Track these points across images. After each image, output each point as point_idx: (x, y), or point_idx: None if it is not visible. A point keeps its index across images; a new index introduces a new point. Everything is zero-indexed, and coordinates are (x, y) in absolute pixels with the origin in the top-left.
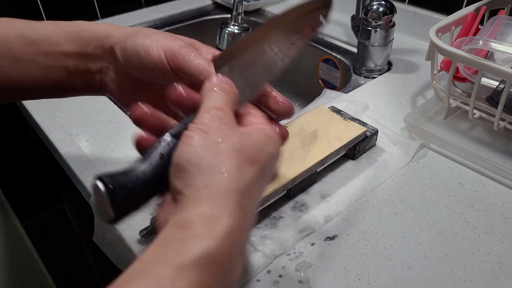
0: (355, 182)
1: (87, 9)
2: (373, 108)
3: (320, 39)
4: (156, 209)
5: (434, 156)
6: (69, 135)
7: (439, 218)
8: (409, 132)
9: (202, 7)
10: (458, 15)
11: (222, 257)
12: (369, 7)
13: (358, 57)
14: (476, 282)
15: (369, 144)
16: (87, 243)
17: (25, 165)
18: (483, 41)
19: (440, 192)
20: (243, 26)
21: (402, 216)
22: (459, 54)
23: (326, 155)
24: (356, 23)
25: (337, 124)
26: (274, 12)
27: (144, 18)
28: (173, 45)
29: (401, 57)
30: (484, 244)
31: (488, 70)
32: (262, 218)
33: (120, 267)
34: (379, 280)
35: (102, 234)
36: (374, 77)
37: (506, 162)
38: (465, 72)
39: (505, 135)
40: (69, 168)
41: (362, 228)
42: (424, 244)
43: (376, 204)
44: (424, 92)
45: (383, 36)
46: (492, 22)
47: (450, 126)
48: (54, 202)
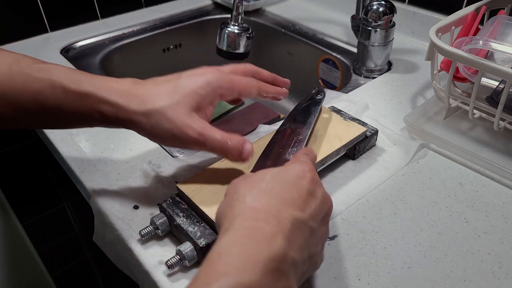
0: (355, 182)
1: (87, 9)
2: (373, 108)
3: (320, 39)
4: (156, 209)
5: (434, 156)
6: (69, 135)
7: (439, 218)
8: (409, 132)
9: (202, 7)
10: (458, 15)
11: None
12: (369, 7)
13: (358, 57)
14: (476, 282)
15: (369, 144)
16: (87, 243)
17: (25, 165)
18: (483, 41)
19: (440, 192)
20: (243, 26)
21: (402, 216)
22: (459, 54)
23: (326, 155)
24: (356, 23)
25: (337, 124)
26: (274, 12)
27: (144, 18)
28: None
29: (401, 57)
30: (484, 244)
31: (488, 70)
32: None
33: (120, 267)
34: (379, 280)
35: (102, 234)
36: (374, 77)
37: (506, 162)
38: (465, 72)
39: (505, 135)
40: (69, 168)
41: (362, 228)
42: (424, 244)
43: (376, 204)
44: (424, 92)
45: (383, 36)
46: (492, 22)
47: (450, 126)
48: (54, 202)
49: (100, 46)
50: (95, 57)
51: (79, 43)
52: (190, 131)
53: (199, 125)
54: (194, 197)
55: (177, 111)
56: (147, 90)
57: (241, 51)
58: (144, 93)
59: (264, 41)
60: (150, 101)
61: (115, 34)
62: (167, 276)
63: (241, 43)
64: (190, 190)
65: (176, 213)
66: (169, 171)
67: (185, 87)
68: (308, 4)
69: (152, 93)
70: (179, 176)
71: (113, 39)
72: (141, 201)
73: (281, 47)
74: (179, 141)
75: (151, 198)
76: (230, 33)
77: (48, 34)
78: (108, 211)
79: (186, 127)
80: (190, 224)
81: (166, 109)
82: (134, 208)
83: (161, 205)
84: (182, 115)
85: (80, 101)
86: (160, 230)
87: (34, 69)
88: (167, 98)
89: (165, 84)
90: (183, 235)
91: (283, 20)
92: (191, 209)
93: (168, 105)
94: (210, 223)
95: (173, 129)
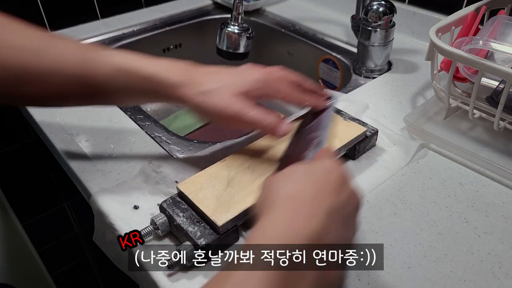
0: (355, 182)
1: (87, 9)
2: (373, 108)
3: (320, 39)
4: (156, 209)
5: (434, 156)
6: (69, 135)
7: (439, 218)
8: (409, 132)
9: (202, 7)
10: (458, 15)
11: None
12: (369, 7)
13: (358, 57)
14: (476, 282)
15: (369, 144)
16: (87, 243)
17: (25, 165)
18: (483, 41)
19: (440, 192)
20: (243, 26)
21: (402, 216)
22: (459, 54)
23: None
24: (356, 23)
25: (337, 124)
26: (274, 12)
27: (144, 18)
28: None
29: (401, 57)
30: (484, 244)
31: (488, 70)
32: None
33: (120, 267)
34: (379, 280)
35: (102, 234)
36: (374, 77)
37: (506, 162)
38: (465, 72)
39: (505, 135)
40: (69, 168)
41: (362, 228)
42: (424, 244)
43: (376, 204)
44: (424, 92)
45: (383, 36)
46: (492, 22)
47: (450, 126)
48: (54, 202)
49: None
50: None
51: None
52: (229, 110)
53: (239, 105)
54: (194, 197)
55: (222, 94)
56: (200, 75)
57: (241, 51)
58: (198, 77)
59: (264, 41)
60: (201, 84)
61: (115, 34)
62: (167, 276)
63: (241, 43)
64: (190, 190)
65: (176, 213)
66: (169, 171)
67: (238, 75)
68: (308, 4)
69: (209, 78)
70: (179, 176)
71: (113, 39)
72: (141, 201)
73: (281, 47)
74: (222, 116)
75: (151, 198)
76: (230, 33)
77: None
78: (108, 211)
79: (226, 106)
80: (190, 224)
81: (213, 91)
82: (134, 208)
83: (161, 205)
84: (226, 97)
85: (144, 83)
86: (160, 230)
87: (102, 55)
88: (219, 82)
89: (222, 73)
90: (183, 235)
91: (283, 20)
92: (191, 209)
93: (216, 88)
94: (210, 223)
95: (216, 107)
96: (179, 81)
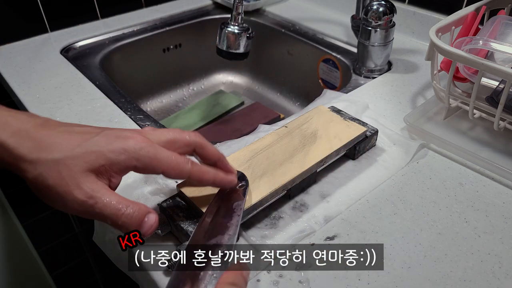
0: (355, 182)
1: (87, 9)
2: (373, 108)
3: (320, 39)
4: (155, 208)
5: (434, 156)
6: None
7: (439, 218)
8: (409, 132)
9: (202, 7)
10: (458, 15)
11: None
12: (369, 7)
13: (358, 57)
14: (476, 282)
15: (369, 144)
16: (87, 243)
17: None
18: (483, 41)
19: (440, 192)
20: (243, 26)
21: (402, 216)
22: (459, 54)
23: (326, 155)
24: (356, 23)
25: (337, 124)
26: (274, 12)
27: (144, 18)
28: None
29: (401, 57)
30: (484, 244)
31: (488, 70)
32: (262, 218)
33: (120, 267)
34: (379, 280)
35: (102, 234)
36: (374, 77)
37: (506, 162)
38: (465, 72)
39: (505, 135)
40: None
41: (362, 228)
42: (424, 244)
43: (376, 204)
44: (424, 92)
45: (383, 36)
46: (492, 22)
47: (450, 126)
48: None
49: (100, 46)
50: (95, 57)
51: (79, 43)
52: (77, 191)
53: (91, 186)
54: (194, 197)
55: (70, 167)
56: (51, 136)
57: (241, 51)
58: (45, 138)
59: (264, 41)
60: (46, 149)
61: (115, 34)
62: (167, 276)
63: (241, 43)
64: (190, 190)
65: (176, 213)
66: None
67: (95, 145)
68: (308, 4)
69: (55, 140)
70: None
71: (113, 39)
72: (141, 201)
73: (281, 47)
74: (62, 201)
75: (151, 198)
76: (230, 33)
77: (48, 34)
78: None
79: (75, 186)
80: (190, 224)
81: (58, 162)
82: None
83: (161, 205)
84: (75, 172)
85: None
86: (160, 230)
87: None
88: (67, 150)
89: (78, 135)
90: (183, 235)
91: (283, 20)
92: (191, 209)
93: (63, 157)
94: None
95: (57, 186)
96: (10, 138)
